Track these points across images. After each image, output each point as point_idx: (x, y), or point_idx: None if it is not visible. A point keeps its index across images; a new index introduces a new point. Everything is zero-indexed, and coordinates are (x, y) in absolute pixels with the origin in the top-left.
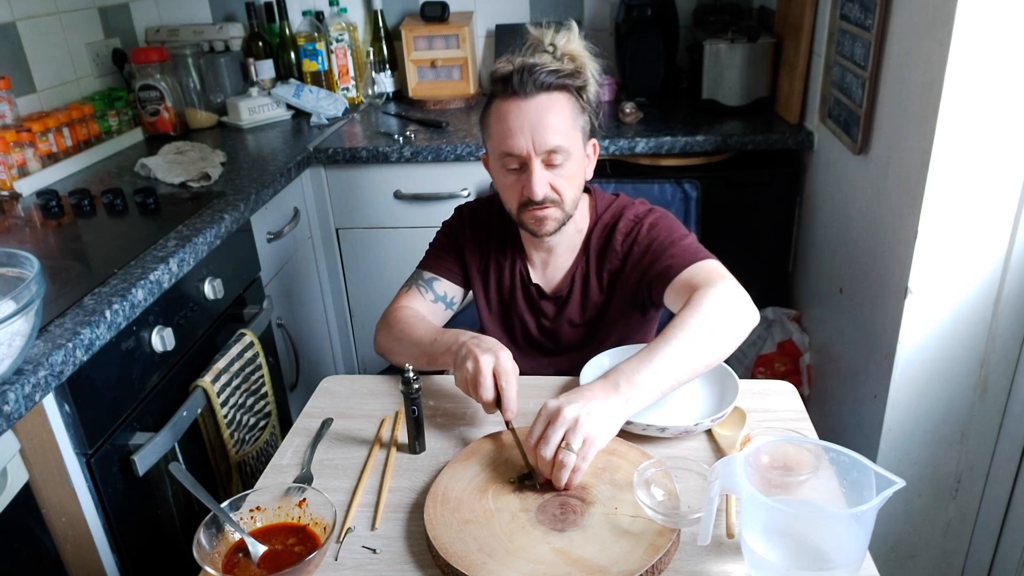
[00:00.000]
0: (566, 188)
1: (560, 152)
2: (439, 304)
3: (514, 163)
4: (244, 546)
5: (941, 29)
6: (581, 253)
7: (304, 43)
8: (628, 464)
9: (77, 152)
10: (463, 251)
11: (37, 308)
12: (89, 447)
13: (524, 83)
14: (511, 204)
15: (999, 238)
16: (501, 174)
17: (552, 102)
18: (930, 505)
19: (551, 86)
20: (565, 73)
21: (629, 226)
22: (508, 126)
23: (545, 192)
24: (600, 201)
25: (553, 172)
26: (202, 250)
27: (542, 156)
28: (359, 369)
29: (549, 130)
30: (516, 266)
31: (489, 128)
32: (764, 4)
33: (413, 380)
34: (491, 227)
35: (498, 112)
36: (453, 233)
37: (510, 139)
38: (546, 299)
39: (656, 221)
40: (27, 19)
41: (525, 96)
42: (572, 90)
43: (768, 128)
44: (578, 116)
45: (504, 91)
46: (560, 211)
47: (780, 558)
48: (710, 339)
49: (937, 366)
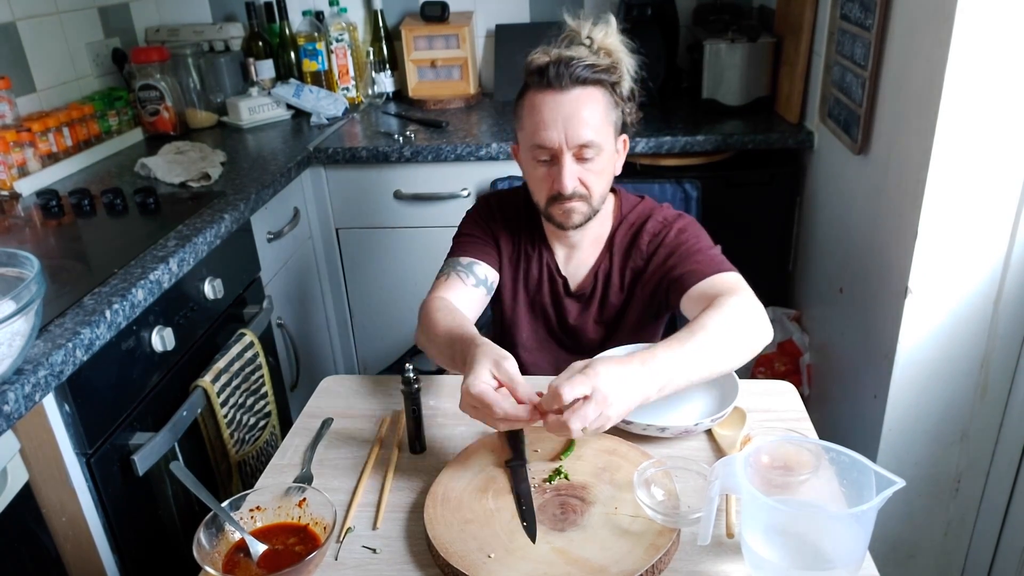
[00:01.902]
0: (595, 183)
1: (592, 147)
2: (480, 288)
3: (545, 155)
4: (244, 546)
5: (941, 29)
6: (605, 250)
7: (304, 43)
8: (628, 464)
9: (77, 152)
10: (497, 237)
11: (37, 308)
12: (89, 447)
13: (560, 76)
14: (539, 196)
15: (999, 238)
16: (531, 166)
17: (587, 96)
18: (930, 505)
19: (587, 80)
20: (601, 68)
21: (657, 227)
22: (542, 118)
23: (575, 186)
24: (626, 200)
25: (583, 166)
26: (202, 250)
27: (574, 150)
28: (359, 369)
29: (582, 124)
30: (543, 258)
31: (522, 119)
32: (764, 4)
33: (413, 380)
34: (519, 216)
35: (532, 103)
36: (485, 219)
37: (543, 131)
38: (571, 296)
39: (685, 227)
40: (27, 19)
41: (560, 89)
42: (607, 85)
43: (768, 128)
44: (611, 111)
45: (539, 82)
46: (587, 205)
47: (780, 558)
48: (728, 345)
49: (937, 366)
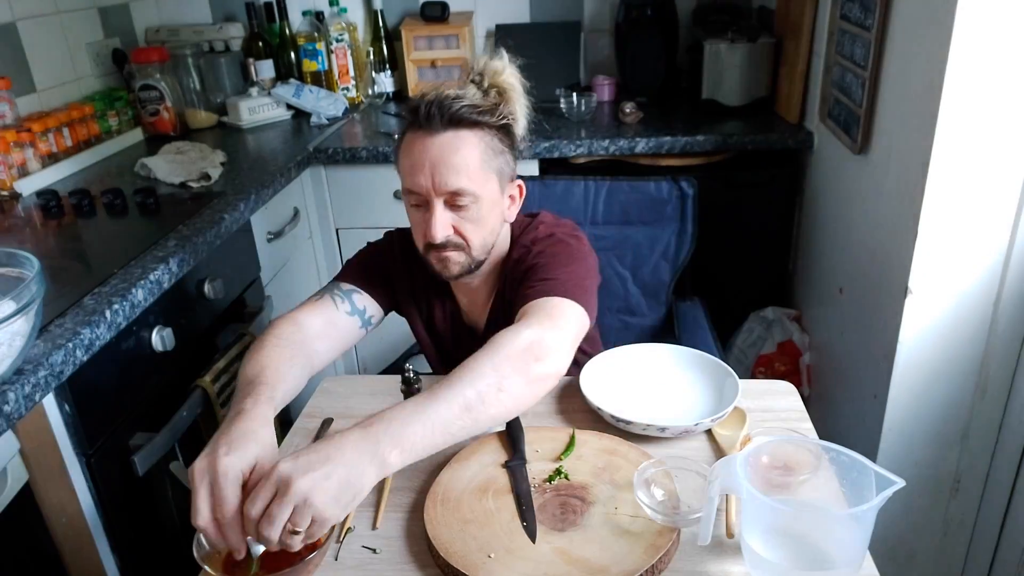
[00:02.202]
0: (472, 232)
1: (465, 195)
2: (355, 318)
3: (416, 200)
4: None
5: (941, 29)
6: (497, 284)
7: (304, 43)
8: (628, 464)
9: (77, 152)
10: (394, 277)
11: (37, 308)
12: (89, 447)
13: (431, 116)
14: (418, 242)
15: (999, 238)
16: (409, 210)
17: (460, 141)
18: (930, 505)
19: (461, 122)
20: (482, 108)
21: (522, 252)
22: (411, 161)
23: (447, 235)
24: (517, 227)
25: (458, 214)
26: (202, 250)
27: (444, 196)
28: (359, 369)
29: (451, 171)
30: (447, 306)
31: (399, 160)
32: (764, 4)
33: (413, 380)
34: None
35: (406, 145)
36: (384, 256)
37: (412, 175)
38: (477, 339)
39: (545, 248)
40: (27, 19)
41: (431, 132)
42: (489, 128)
43: (768, 128)
44: (492, 157)
45: (413, 122)
46: (465, 255)
47: (780, 558)
48: (487, 389)
49: (937, 366)
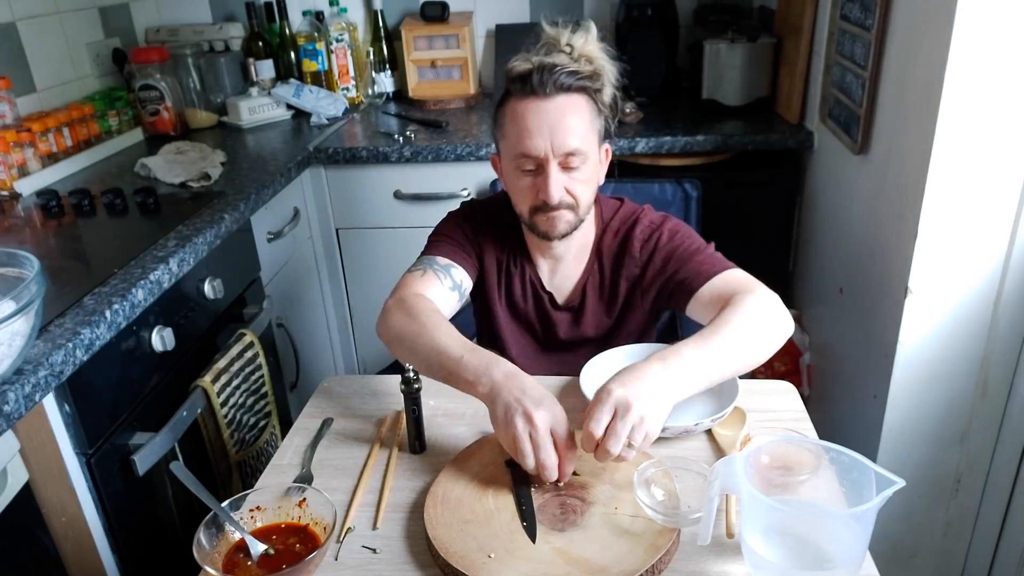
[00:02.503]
0: (582, 192)
1: (578, 155)
2: (455, 293)
3: (530, 164)
4: (244, 546)
5: (941, 29)
6: (592, 261)
7: (304, 43)
8: (628, 464)
9: (77, 152)
10: (481, 244)
11: (37, 308)
12: (89, 447)
13: (544, 83)
14: (523, 207)
15: (999, 238)
16: (515, 175)
17: (571, 104)
18: (930, 505)
19: (570, 87)
20: (584, 75)
21: (647, 232)
22: (526, 126)
23: (561, 196)
24: (606, 206)
25: (569, 175)
26: (202, 250)
27: (560, 159)
28: (359, 369)
29: (568, 132)
30: (527, 273)
31: (504, 127)
32: (764, 4)
33: (413, 380)
34: (501, 229)
35: (515, 111)
36: (469, 223)
37: (527, 140)
38: (559, 310)
39: (676, 228)
40: (27, 19)
41: (544, 96)
42: (590, 92)
43: (768, 128)
44: (596, 119)
45: (521, 90)
46: (574, 215)
47: (780, 558)
48: (752, 340)
49: (937, 366)
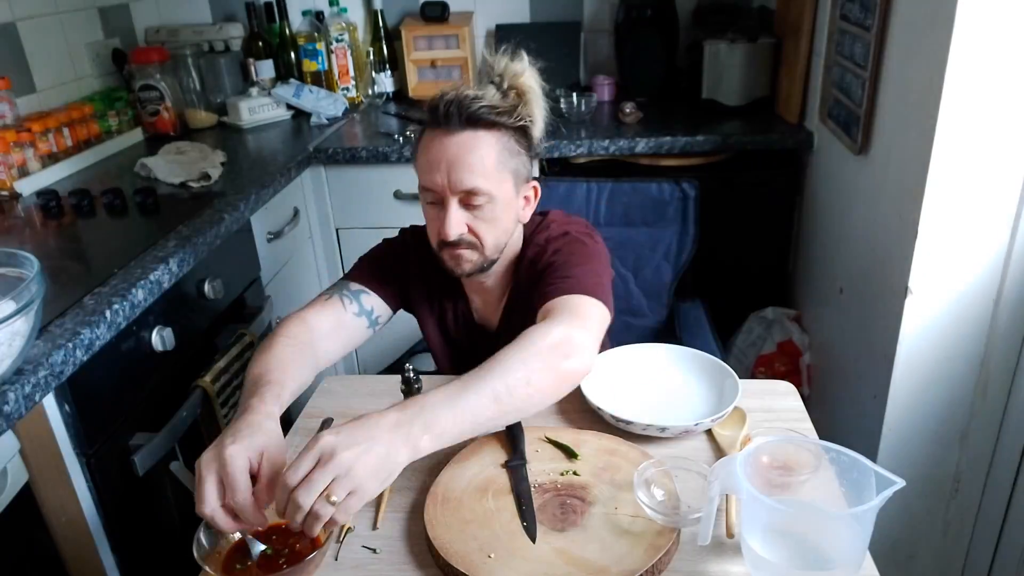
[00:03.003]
0: (486, 232)
1: (479, 194)
2: (362, 319)
3: (431, 197)
4: (244, 546)
5: (941, 29)
6: (510, 283)
7: (304, 43)
8: (628, 464)
9: (77, 152)
10: (407, 276)
11: (37, 308)
12: (89, 447)
13: (450, 116)
14: (432, 239)
15: (999, 238)
16: (424, 207)
17: (477, 141)
18: (930, 505)
19: (479, 123)
20: (501, 110)
21: (536, 251)
22: (428, 159)
23: (459, 233)
24: (528, 227)
25: (472, 213)
26: (202, 250)
27: (459, 195)
28: (359, 369)
29: (467, 170)
30: (459, 306)
31: (416, 158)
32: (764, 4)
33: (413, 380)
34: (435, 262)
35: (424, 144)
36: (398, 254)
37: (428, 173)
38: (488, 339)
39: (561, 246)
40: (27, 19)
41: (449, 131)
42: (506, 128)
43: (768, 128)
44: (509, 158)
45: (432, 121)
46: (478, 254)
47: (780, 558)
48: (517, 381)
49: (937, 366)
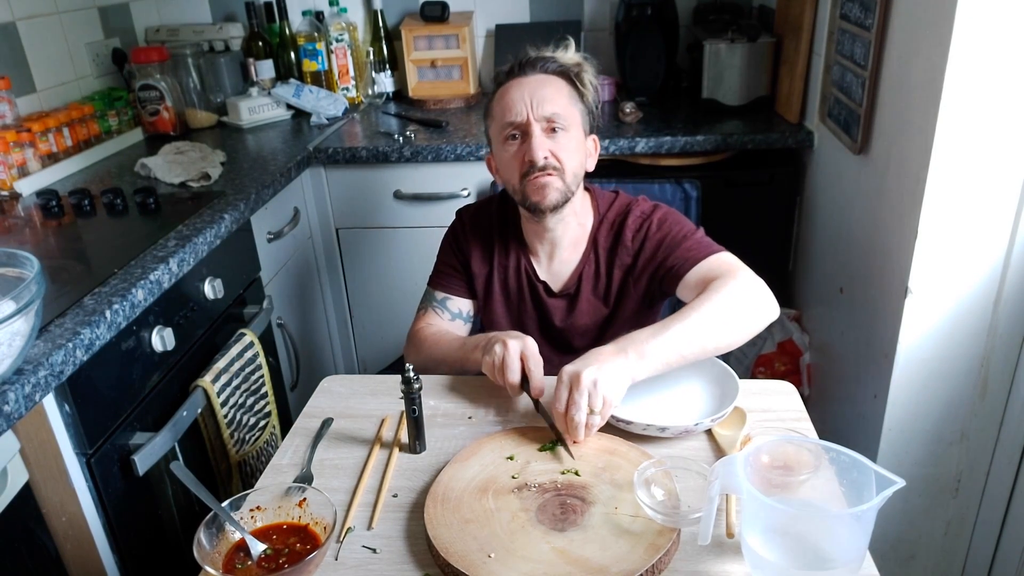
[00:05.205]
0: (567, 158)
1: (560, 119)
2: (457, 321)
3: (515, 131)
4: (244, 546)
5: (941, 29)
6: (588, 250)
7: (304, 43)
8: (628, 464)
9: (77, 152)
10: (468, 259)
11: (37, 308)
12: (89, 447)
13: (524, 66)
14: (514, 179)
15: (999, 238)
16: (503, 150)
17: (550, 80)
18: (930, 505)
19: (549, 70)
20: (566, 64)
21: (638, 222)
22: (509, 99)
23: (545, 155)
24: (601, 199)
25: (553, 140)
26: (202, 250)
27: (542, 123)
28: (359, 369)
29: (547, 99)
30: (521, 264)
31: (492, 114)
32: (764, 3)
33: (413, 380)
34: (492, 227)
35: (499, 95)
36: (456, 241)
37: (510, 110)
38: (554, 297)
39: (665, 216)
40: (27, 19)
41: (525, 75)
42: (570, 78)
43: (768, 128)
44: (577, 100)
45: (508, 74)
46: (561, 181)
47: (780, 558)
48: (723, 323)
49: (937, 366)
